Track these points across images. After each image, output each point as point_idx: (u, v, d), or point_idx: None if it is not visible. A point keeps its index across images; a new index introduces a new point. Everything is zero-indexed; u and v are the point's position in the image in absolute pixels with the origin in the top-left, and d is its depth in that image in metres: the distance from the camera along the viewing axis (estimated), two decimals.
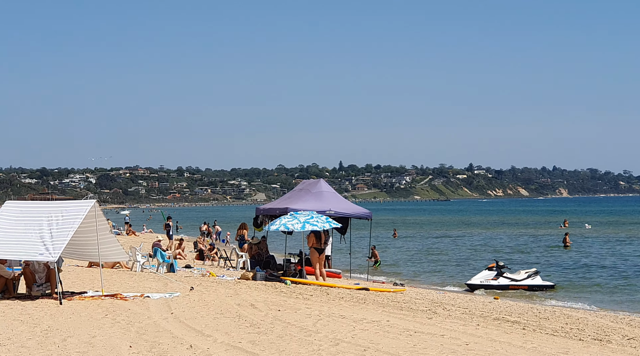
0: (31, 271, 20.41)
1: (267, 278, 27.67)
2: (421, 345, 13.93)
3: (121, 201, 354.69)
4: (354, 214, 32.63)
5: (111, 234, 22.75)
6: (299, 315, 17.73)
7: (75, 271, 28.24)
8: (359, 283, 29.16)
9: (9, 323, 15.63)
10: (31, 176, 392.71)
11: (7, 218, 20.60)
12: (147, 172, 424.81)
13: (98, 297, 20.15)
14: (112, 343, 13.62)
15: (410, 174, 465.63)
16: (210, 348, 13.27)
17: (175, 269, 30.93)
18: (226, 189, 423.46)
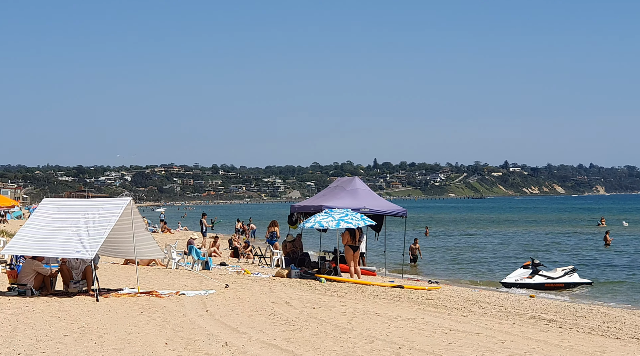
0: (68, 268, 20.56)
1: (302, 275, 27.70)
2: (456, 343, 13.88)
3: (156, 199, 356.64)
4: (389, 211, 32.54)
5: (147, 232, 22.88)
6: (334, 313, 17.73)
7: (111, 268, 28.42)
8: (393, 280, 29.09)
9: (46, 320, 15.75)
10: (68, 173, 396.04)
11: (44, 216, 20.77)
12: (182, 170, 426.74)
13: (134, 294, 20.26)
14: (148, 340, 13.69)
15: (445, 172, 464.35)
16: (245, 345, 13.30)
17: (210, 266, 31.02)
18: (261, 186, 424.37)
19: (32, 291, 19.78)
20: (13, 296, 19.35)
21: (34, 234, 20.28)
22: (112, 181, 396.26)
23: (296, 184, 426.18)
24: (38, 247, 20.00)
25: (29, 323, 15.30)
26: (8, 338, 13.42)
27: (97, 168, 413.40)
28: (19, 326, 14.77)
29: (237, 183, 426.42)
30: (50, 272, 20.42)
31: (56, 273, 21.13)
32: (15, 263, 24.18)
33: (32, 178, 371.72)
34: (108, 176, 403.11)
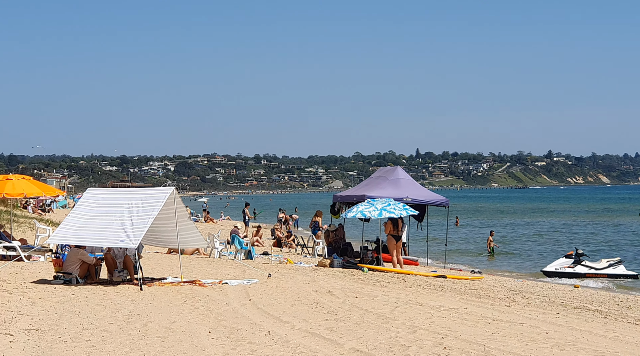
0: (112, 257, 20.72)
1: (344, 265, 27.70)
2: (500, 333, 13.81)
3: (199, 189, 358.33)
4: (431, 201, 32.44)
5: (190, 221, 22.97)
6: (377, 302, 17.71)
7: (154, 257, 28.60)
8: (436, 270, 29.02)
9: (91, 308, 15.89)
10: (111, 163, 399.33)
11: (89, 205, 20.93)
12: (224, 159, 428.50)
13: (177, 283, 20.37)
14: (191, 328, 13.76)
15: (488, 162, 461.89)
16: (288, 334, 13.32)
17: (252, 256, 31.11)
18: (303, 176, 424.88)
19: (78, 279, 19.95)
20: (59, 284, 19.53)
21: (79, 224, 20.45)
22: (155, 170, 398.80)
23: (338, 174, 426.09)
24: (83, 236, 20.16)
25: (75, 311, 15.44)
26: (54, 326, 13.55)
27: (141, 158, 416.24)
28: (64, 314, 14.91)
29: (280, 172, 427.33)
30: (94, 261, 20.59)
31: (100, 261, 21.31)
32: (61, 251, 24.42)
33: (77, 168, 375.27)
34: (151, 166, 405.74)
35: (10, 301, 15.99)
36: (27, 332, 12.84)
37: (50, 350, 11.58)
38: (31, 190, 28.17)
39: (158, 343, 12.38)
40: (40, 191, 29.02)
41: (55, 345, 11.95)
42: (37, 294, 17.55)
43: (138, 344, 12.24)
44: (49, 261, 24.45)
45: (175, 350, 11.89)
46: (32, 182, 29.24)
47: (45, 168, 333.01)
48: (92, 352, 11.56)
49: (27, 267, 23.21)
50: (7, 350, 11.29)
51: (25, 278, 20.42)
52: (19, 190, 27.63)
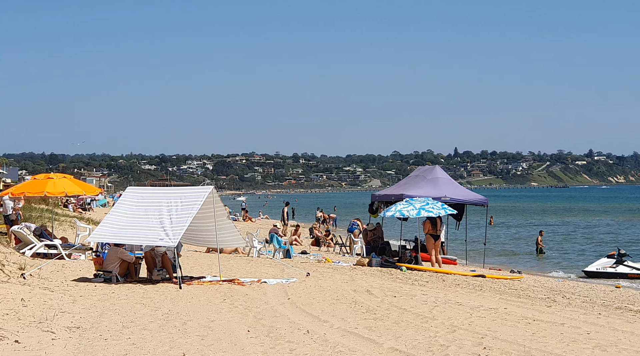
0: (152, 256, 20.83)
1: (383, 264, 27.67)
2: (540, 333, 13.71)
3: (237, 188, 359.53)
4: (470, 200, 32.32)
5: (228, 220, 23.03)
6: (415, 301, 17.67)
7: (193, 256, 28.72)
8: (475, 269, 28.89)
9: (131, 306, 15.98)
10: (150, 162, 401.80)
11: (128, 204, 21.06)
12: (263, 158, 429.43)
13: (216, 282, 20.44)
14: (230, 327, 13.80)
15: (527, 161, 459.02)
16: (327, 333, 13.32)
17: (291, 255, 31.15)
18: (341, 175, 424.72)
19: (117, 278, 20.08)
20: (99, 282, 19.68)
21: (119, 222, 20.58)
22: (193, 169, 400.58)
23: (376, 173, 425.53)
24: (122, 234, 20.29)
25: (115, 309, 15.54)
26: (95, 324, 13.64)
27: (179, 157, 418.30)
28: (105, 312, 15.01)
29: (318, 171, 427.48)
30: (134, 259, 20.72)
31: (140, 260, 21.44)
32: (101, 250, 24.61)
33: (116, 167, 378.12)
34: (190, 165, 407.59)
35: (52, 299, 16.12)
36: (69, 330, 12.93)
37: (91, 348, 11.66)
38: (72, 189, 28.41)
39: (197, 341, 12.43)
40: (81, 189, 29.28)
41: (96, 343, 12.03)
42: (78, 292, 17.69)
43: (177, 342, 12.30)
44: (89, 260, 24.63)
45: (215, 348, 11.93)
46: (72, 181, 29.49)
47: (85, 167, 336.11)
48: (132, 350, 11.62)
49: (68, 265, 23.41)
50: (49, 348, 11.39)
51: (67, 276, 20.59)
52: (60, 189, 27.88)
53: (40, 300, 15.65)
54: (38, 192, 28.12)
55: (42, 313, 14.13)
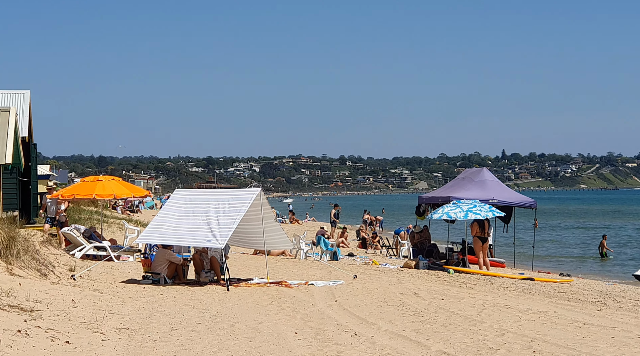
0: (200, 258, 20.95)
1: (430, 266, 27.58)
2: (591, 337, 13.58)
3: (284, 190, 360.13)
4: (518, 203, 32.13)
5: (276, 222, 23.10)
6: (463, 304, 17.58)
7: (241, 258, 28.82)
8: (523, 272, 28.69)
9: (180, 308, 16.08)
10: (198, 164, 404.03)
11: (176, 206, 21.21)
12: (309, 160, 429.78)
13: (264, 284, 20.50)
14: (278, 329, 13.83)
15: (576, 163, 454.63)
16: (375, 335, 13.30)
17: (338, 257, 31.16)
18: (388, 177, 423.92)
19: (166, 279, 20.22)
20: (148, 284, 19.83)
21: (167, 224, 20.75)
22: (240, 171, 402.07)
23: (423, 175, 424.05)
24: (170, 236, 20.45)
25: (163, 311, 15.65)
26: (144, 325, 13.74)
27: (226, 159, 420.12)
28: (153, 314, 15.12)
29: (365, 173, 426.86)
30: (181, 261, 20.84)
31: (187, 262, 21.57)
32: (149, 252, 24.79)
33: (164, 169, 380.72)
34: (237, 167, 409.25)
35: (102, 300, 16.27)
36: (118, 331, 13.04)
37: (140, 349, 11.74)
38: (120, 191, 28.66)
39: (245, 343, 12.47)
40: (129, 192, 29.51)
41: (145, 344, 12.12)
42: (127, 293, 17.84)
43: (226, 344, 12.34)
44: (137, 261, 24.83)
45: (263, 350, 11.96)
46: (121, 183, 29.75)
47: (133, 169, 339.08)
48: (181, 351, 11.69)
49: (117, 267, 23.62)
50: (99, 348, 11.49)
51: (115, 278, 20.77)
52: (108, 191, 28.14)
53: (90, 301, 15.80)
54: (87, 194, 28.41)
55: (92, 314, 14.26)
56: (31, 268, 17.80)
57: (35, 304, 13.92)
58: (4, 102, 37.09)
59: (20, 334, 11.21)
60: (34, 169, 36.31)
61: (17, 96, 38.16)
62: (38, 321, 12.42)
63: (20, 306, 13.24)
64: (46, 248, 22.37)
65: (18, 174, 34.02)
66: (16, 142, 27.20)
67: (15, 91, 38.74)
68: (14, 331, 11.24)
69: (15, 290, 14.64)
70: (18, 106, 35.77)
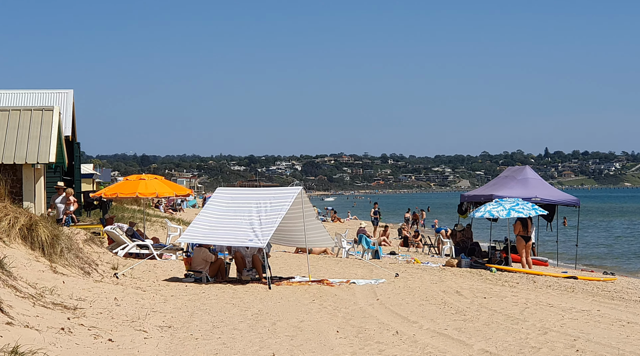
0: (242, 256, 21.01)
1: (472, 265, 27.44)
2: (635, 336, 13.44)
3: (326, 188, 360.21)
4: (561, 201, 31.87)
5: (317, 221, 23.10)
6: (505, 303, 17.48)
7: (282, 257, 28.87)
8: (566, 271, 28.46)
9: (221, 306, 16.14)
10: (240, 163, 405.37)
11: (218, 204, 21.29)
12: (351, 159, 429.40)
13: (305, 283, 20.51)
14: (319, 327, 13.83)
15: (620, 160, 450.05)
16: (416, 334, 13.26)
17: (380, 255, 31.12)
18: (430, 175, 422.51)
19: (208, 278, 20.30)
20: (190, 282, 19.92)
21: (209, 223, 20.83)
22: (282, 170, 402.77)
23: (465, 174, 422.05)
24: (212, 235, 20.53)
25: (205, 309, 15.72)
26: (186, 323, 13.81)
27: (268, 158, 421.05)
28: (195, 312, 15.19)
29: (406, 172, 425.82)
30: (214, 258, 20.82)
31: (230, 260, 21.63)
32: (191, 250, 24.91)
33: (206, 168, 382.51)
34: (279, 166, 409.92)
35: (144, 298, 16.38)
36: (160, 329, 13.12)
37: (183, 347, 11.80)
38: (163, 190, 28.84)
39: (287, 341, 12.49)
40: (172, 190, 29.70)
41: (187, 342, 12.18)
42: (169, 292, 17.94)
43: (267, 342, 12.37)
44: (180, 260, 24.96)
45: (304, 348, 11.97)
46: (163, 182, 29.95)
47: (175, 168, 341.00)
48: (223, 349, 11.73)
49: (160, 265, 23.76)
50: (141, 346, 11.56)
51: (158, 276, 20.90)
52: (151, 190, 28.33)
53: (133, 299, 15.91)
54: (130, 193, 28.63)
55: (134, 312, 14.36)
56: (74, 266, 17.94)
57: (78, 302, 14.05)
58: (48, 101, 37.47)
59: (63, 332, 11.32)
60: (77, 168, 36.64)
61: (60, 95, 38.54)
62: (81, 319, 12.53)
63: (63, 304, 13.36)
64: (89, 247, 22.54)
65: (62, 173, 34.35)
66: (59, 141, 27.40)
67: (59, 90, 39.14)
68: (57, 329, 11.34)
69: (59, 288, 14.78)
70: (62, 105, 36.14)
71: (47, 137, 26.11)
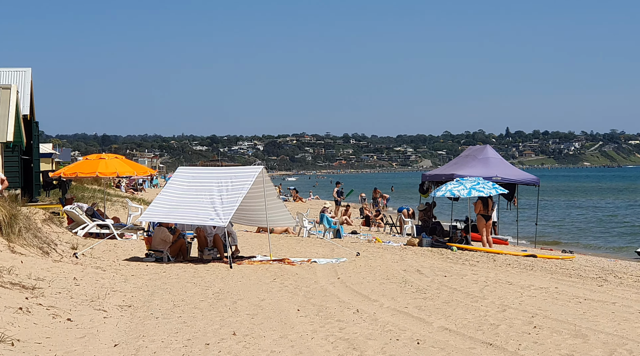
0: (205, 235, 20.97)
1: (433, 244, 27.56)
2: (591, 312, 13.58)
3: (288, 168, 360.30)
4: (521, 180, 32.08)
5: (279, 200, 23.10)
6: (466, 281, 17.59)
7: (244, 236, 28.82)
8: (526, 249, 28.70)
9: (182, 285, 16.11)
10: (202, 143, 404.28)
11: (179, 184, 21.20)
12: (313, 139, 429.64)
13: (266, 262, 20.51)
14: (280, 306, 13.85)
15: (580, 140, 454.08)
16: (377, 312, 13.31)
17: (341, 235, 31.18)
18: (392, 155, 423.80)
19: (169, 257, 20.24)
20: (150, 262, 19.85)
21: (170, 202, 20.73)
22: (244, 150, 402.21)
23: (427, 153, 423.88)
24: (173, 214, 20.44)
25: (166, 288, 15.68)
26: (146, 303, 13.77)
27: (230, 138, 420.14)
28: (156, 291, 15.15)
29: (368, 151, 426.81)
30: (173, 238, 20.74)
31: (192, 239, 21.57)
32: (152, 230, 24.81)
33: (168, 148, 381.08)
34: (241, 146, 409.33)
35: (104, 278, 16.30)
36: (120, 308, 13.07)
37: (143, 326, 11.77)
38: (123, 169, 28.68)
39: (247, 320, 12.49)
40: (132, 170, 29.53)
41: (147, 321, 12.14)
42: (129, 271, 17.87)
43: (228, 321, 12.37)
44: (141, 239, 24.85)
45: (265, 327, 11.98)
46: (124, 161, 29.76)
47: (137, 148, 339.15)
48: (183, 328, 11.71)
49: (120, 245, 23.64)
50: (100, 326, 11.52)
51: (118, 256, 20.80)
52: (111, 169, 28.16)
53: (93, 279, 15.84)
54: (90, 172, 28.44)
55: (94, 291, 14.29)
56: (33, 246, 17.81)
57: (37, 282, 13.95)
58: (5, 79, 37.04)
59: (21, 311, 11.24)
60: (36, 148, 36.25)
61: (18, 73, 38.09)
62: (40, 299, 12.46)
63: (22, 283, 13.27)
64: (48, 226, 22.40)
65: (20, 153, 34.00)
66: (17, 120, 27.12)
67: (16, 68, 38.67)
68: (15, 308, 11.27)
69: (17, 268, 14.67)
70: (19, 84, 35.71)
71: (4, 116, 25.84)
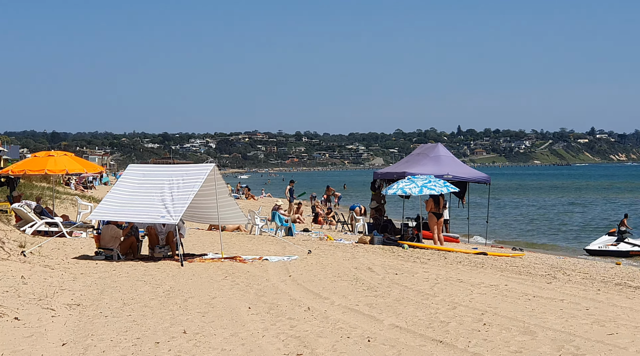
0: (156, 233, 20.85)
1: (385, 242, 27.65)
2: (540, 309, 13.72)
3: (240, 166, 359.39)
4: (472, 178, 32.28)
5: (230, 198, 23.03)
6: (416, 279, 17.68)
7: (195, 234, 28.73)
8: (477, 247, 28.89)
9: (132, 284, 16.01)
10: (153, 140, 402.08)
11: (130, 181, 21.05)
12: (265, 137, 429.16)
13: (218, 259, 20.45)
14: (231, 304, 13.82)
15: (530, 139, 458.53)
16: (328, 310, 13.34)
17: (293, 232, 31.17)
18: (344, 153, 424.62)
19: (119, 255, 20.10)
20: (100, 260, 19.70)
21: (120, 200, 20.58)
22: (196, 148, 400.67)
23: (379, 151, 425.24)
24: (124, 212, 20.29)
25: (116, 286, 15.57)
26: (95, 301, 13.67)
27: (182, 135, 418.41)
28: (105, 290, 15.04)
29: (321, 149, 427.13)
30: (122, 234, 20.62)
31: (142, 237, 21.42)
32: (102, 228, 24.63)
33: (119, 145, 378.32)
34: (193, 143, 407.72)
35: (53, 276, 16.15)
36: (69, 307, 12.96)
37: (92, 325, 11.68)
38: (73, 166, 28.38)
39: (198, 318, 12.46)
40: (82, 167, 29.24)
41: (96, 320, 12.06)
42: (78, 269, 17.72)
43: (178, 319, 12.32)
44: (90, 238, 24.64)
45: (216, 325, 11.95)
46: (73, 158, 29.45)
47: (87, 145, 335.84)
48: (133, 327, 11.65)
49: (69, 243, 23.43)
50: (49, 325, 11.41)
51: (67, 254, 20.61)
52: (61, 166, 27.85)
53: (41, 278, 15.68)
54: (39, 170, 28.09)
55: (42, 290, 14.16)
56: None
57: None
58: None
59: None
60: None
61: None
62: None
63: None
64: None
65: None
66: None
67: None
68: None
69: None
70: None
71: None
